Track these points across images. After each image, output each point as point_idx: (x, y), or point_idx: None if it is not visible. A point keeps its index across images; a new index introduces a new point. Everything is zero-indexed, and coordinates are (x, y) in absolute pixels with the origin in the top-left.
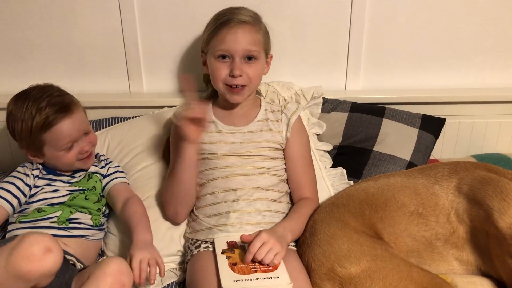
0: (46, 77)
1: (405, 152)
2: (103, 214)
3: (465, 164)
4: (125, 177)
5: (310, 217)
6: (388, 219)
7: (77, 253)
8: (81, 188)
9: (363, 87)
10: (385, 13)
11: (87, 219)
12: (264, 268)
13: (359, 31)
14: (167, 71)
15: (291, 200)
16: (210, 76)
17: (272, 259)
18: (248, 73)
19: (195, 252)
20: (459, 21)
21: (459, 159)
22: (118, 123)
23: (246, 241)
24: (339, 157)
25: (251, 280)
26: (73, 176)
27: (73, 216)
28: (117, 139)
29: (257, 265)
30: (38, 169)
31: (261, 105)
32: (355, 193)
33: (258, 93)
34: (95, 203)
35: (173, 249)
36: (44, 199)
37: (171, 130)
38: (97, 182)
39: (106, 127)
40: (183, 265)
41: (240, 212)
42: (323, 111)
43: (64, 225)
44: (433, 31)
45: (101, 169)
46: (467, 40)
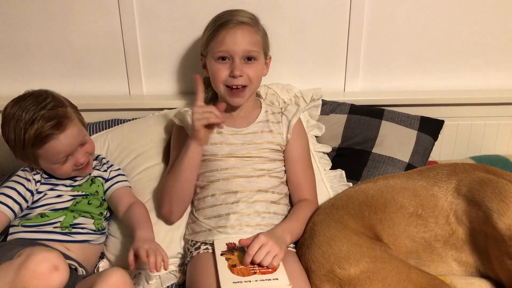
0: (45, 79)
1: (404, 154)
2: (104, 218)
3: (463, 165)
4: (126, 180)
5: (309, 218)
6: (387, 221)
7: (79, 258)
8: (84, 193)
9: (362, 89)
10: (383, 15)
11: (89, 224)
12: (263, 270)
13: (358, 33)
14: (166, 73)
15: (290, 202)
16: (210, 78)
17: (271, 261)
18: (248, 74)
19: (195, 254)
20: (457, 23)
21: (457, 160)
22: (117, 125)
23: (244, 245)
24: (338, 159)
25: (250, 281)
26: (74, 179)
27: (76, 221)
28: (117, 141)
29: (256, 267)
30: (39, 173)
31: (261, 107)
32: (355, 194)
33: (258, 95)
34: (97, 207)
35: (173, 251)
36: (47, 204)
37: (173, 131)
38: (99, 186)
39: (105, 129)
40: (183, 267)
41: (239, 214)
42: (322, 113)
43: (67, 230)
44: (431, 33)
45: (104, 173)
46: (466, 42)
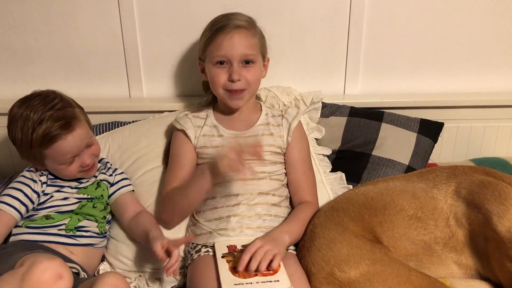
0: (46, 82)
1: (404, 156)
2: (107, 221)
3: (463, 168)
4: (130, 184)
5: (309, 221)
6: (387, 223)
7: (81, 262)
8: (89, 196)
9: (361, 92)
10: (383, 18)
11: (93, 227)
12: (264, 271)
13: (358, 35)
14: (167, 76)
15: (291, 204)
16: (209, 82)
17: (269, 264)
18: (246, 77)
19: (195, 256)
20: (457, 26)
21: (457, 163)
22: (118, 127)
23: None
24: (338, 161)
25: (251, 283)
26: (80, 181)
27: (80, 224)
28: (118, 144)
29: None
30: (44, 175)
31: (261, 110)
32: (355, 197)
33: (258, 98)
34: (101, 211)
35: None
36: (53, 206)
37: (173, 135)
38: (104, 190)
39: (105, 132)
40: (183, 270)
41: (240, 216)
42: (322, 116)
43: (71, 233)
44: (431, 36)
45: (109, 177)
46: (465, 44)
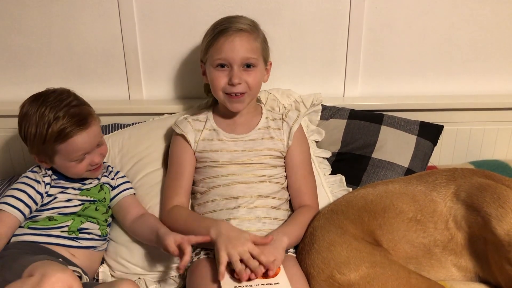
0: (46, 84)
1: (404, 159)
2: (107, 224)
3: (463, 170)
4: (132, 187)
5: (309, 223)
6: (386, 226)
7: (83, 264)
8: (92, 198)
9: (361, 94)
10: (383, 21)
11: (95, 229)
12: (264, 274)
13: (357, 38)
14: (166, 78)
15: (291, 207)
16: (210, 85)
17: (263, 271)
18: (247, 81)
19: (195, 259)
20: (456, 28)
21: (457, 165)
22: (117, 130)
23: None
24: (338, 164)
25: (251, 286)
26: (83, 183)
27: (83, 226)
28: (118, 146)
29: None
30: (48, 175)
31: (262, 113)
32: (354, 200)
33: (258, 101)
34: (103, 214)
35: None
36: (56, 208)
37: (172, 139)
38: (106, 193)
39: (105, 134)
40: (183, 273)
41: (240, 219)
42: (321, 118)
43: (74, 235)
44: (430, 38)
45: (112, 181)
46: (465, 47)
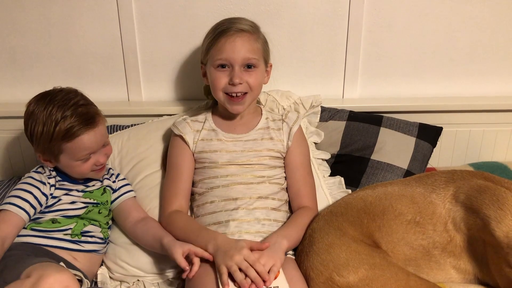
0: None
1: (403, 160)
2: (108, 226)
3: (461, 172)
4: (132, 190)
5: (308, 225)
6: (385, 228)
7: (84, 268)
8: (95, 201)
9: (360, 96)
10: (382, 22)
11: (97, 232)
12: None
13: (357, 40)
14: (165, 79)
15: (290, 209)
16: (210, 86)
17: (263, 278)
18: (248, 81)
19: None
20: (455, 30)
21: (456, 167)
22: (117, 131)
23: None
24: (337, 165)
25: None
26: (87, 185)
27: (86, 228)
28: (117, 148)
29: None
30: (53, 177)
31: (262, 114)
32: (353, 201)
33: (258, 102)
34: (105, 217)
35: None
36: (60, 210)
37: (171, 140)
38: (108, 196)
39: None
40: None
41: (239, 221)
42: (321, 120)
43: (76, 238)
44: (430, 40)
45: (113, 183)
46: (464, 48)
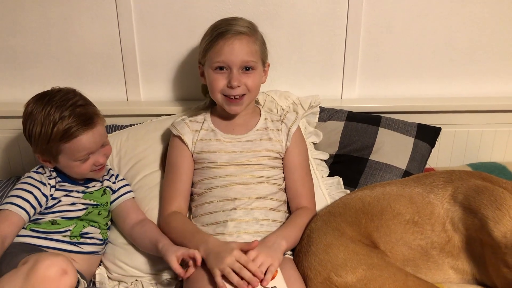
0: (43, 85)
1: (401, 161)
2: (107, 227)
3: (460, 173)
4: (131, 191)
5: (306, 225)
6: (384, 228)
7: (82, 269)
8: (95, 202)
9: (359, 96)
10: (381, 23)
11: (97, 233)
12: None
13: (355, 40)
14: (164, 79)
15: (289, 209)
16: (208, 87)
17: (260, 278)
18: (246, 83)
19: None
20: (454, 31)
21: (454, 168)
22: (115, 131)
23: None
24: (336, 166)
25: None
26: (87, 186)
27: (85, 230)
28: (116, 148)
29: None
30: (53, 178)
31: (260, 114)
32: (352, 202)
33: (256, 103)
34: (105, 218)
35: None
36: (60, 212)
37: (170, 141)
38: (108, 197)
39: None
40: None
41: (237, 221)
42: (319, 120)
43: (75, 240)
44: (428, 40)
45: (113, 184)
46: (462, 49)
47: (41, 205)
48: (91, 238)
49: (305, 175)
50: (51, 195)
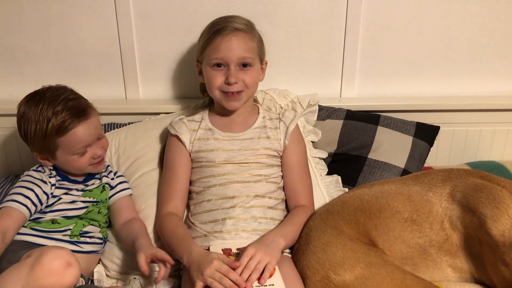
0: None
1: (400, 159)
2: (107, 225)
3: (458, 171)
4: (128, 188)
5: (305, 224)
6: (382, 226)
7: (82, 268)
8: (95, 200)
9: (358, 95)
10: (380, 21)
11: (97, 232)
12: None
13: (354, 39)
14: (163, 78)
15: (287, 208)
16: (206, 84)
17: (258, 275)
18: (244, 80)
19: None
20: (453, 30)
21: (453, 166)
22: (114, 129)
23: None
24: (334, 164)
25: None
26: (86, 184)
27: (85, 229)
28: (114, 146)
29: None
30: (53, 176)
31: (259, 112)
32: (350, 200)
33: (255, 101)
34: (104, 215)
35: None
36: (60, 210)
37: (168, 140)
38: (107, 193)
39: None
40: (178, 272)
41: (236, 219)
42: (318, 119)
43: (75, 239)
44: (427, 39)
45: (111, 181)
46: (461, 48)
47: (41, 203)
48: (91, 237)
49: (304, 173)
50: (52, 193)
